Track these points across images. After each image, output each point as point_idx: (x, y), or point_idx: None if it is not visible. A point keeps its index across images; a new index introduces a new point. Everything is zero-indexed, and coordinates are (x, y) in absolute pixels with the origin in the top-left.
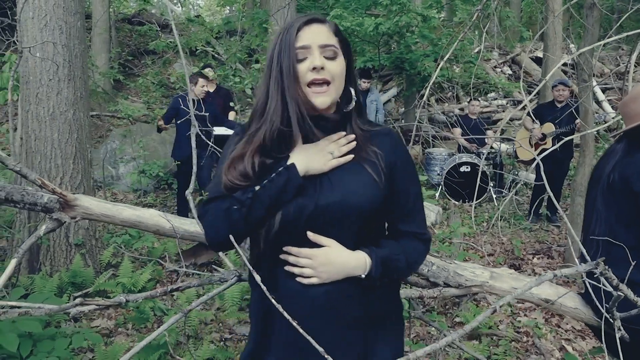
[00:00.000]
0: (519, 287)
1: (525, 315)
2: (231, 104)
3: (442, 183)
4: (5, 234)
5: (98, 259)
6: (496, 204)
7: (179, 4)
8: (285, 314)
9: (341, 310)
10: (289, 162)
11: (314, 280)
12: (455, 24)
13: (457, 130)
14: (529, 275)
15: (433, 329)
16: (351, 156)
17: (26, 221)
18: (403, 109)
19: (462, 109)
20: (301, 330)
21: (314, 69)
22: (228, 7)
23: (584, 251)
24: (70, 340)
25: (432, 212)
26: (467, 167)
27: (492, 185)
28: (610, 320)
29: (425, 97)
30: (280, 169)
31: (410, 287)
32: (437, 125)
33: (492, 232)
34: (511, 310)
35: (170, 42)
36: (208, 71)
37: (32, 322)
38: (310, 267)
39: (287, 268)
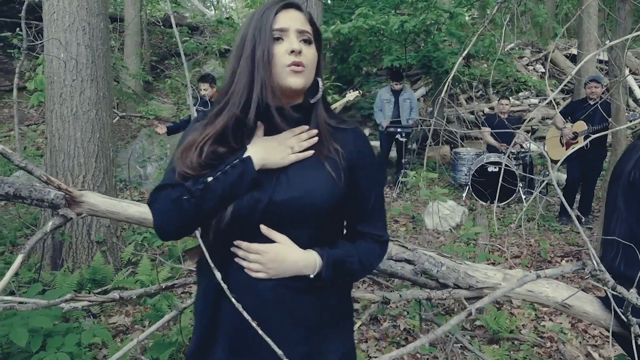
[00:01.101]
0: (535, 290)
1: (550, 319)
2: None
3: (469, 183)
4: (29, 231)
5: (119, 256)
6: (525, 205)
7: (212, 7)
8: (235, 302)
9: (290, 306)
10: (245, 155)
11: (261, 275)
12: (485, 22)
13: (486, 130)
14: (555, 279)
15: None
16: (311, 152)
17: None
18: (431, 108)
19: (491, 108)
20: (250, 320)
21: (292, 52)
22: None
23: (593, 253)
24: (80, 336)
25: (456, 213)
26: (495, 167)
27: (521, 185)
28: (628, 325)
29: (443, 93)
30: (235, 161)
31: (420, 288)
32: (466, 125)
33: (519, 233)
34: (535, 314)
35: (200, 44)
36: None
37: (42, 317)
38: (259, 262)
39: (236, 260)
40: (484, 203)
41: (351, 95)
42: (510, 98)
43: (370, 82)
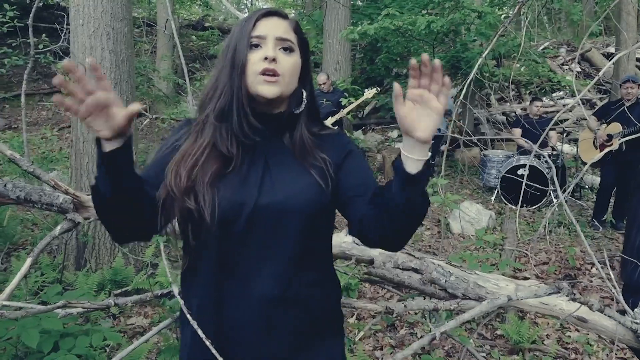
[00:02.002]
0: (549, 302)
1: (576, 329)
2: None
3: (498, 186)
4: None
5: (140, 257)
6: (557, 209)
7: (246, 10)
8: (197, 328)
9: (277, 317)
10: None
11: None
12: (507, 22)
13: (517, 131)
14: (584, 288)
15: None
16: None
17: None
18: (461, 109)
19: (524, 109)
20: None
21: (265, 58)
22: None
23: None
24: (91, 339)
25: (483, 217)
26: (525, 170)
27: (552, 189)
28: None
29: (463, 92)
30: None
31: (426, 299)
32: (498, 126)
33: (548, 239)
34: (560, 324)
35: None
36: None
37: (53, 319)
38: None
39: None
40: (513, 207)
41: (369, 92)
42: (544, 98)
43: (400, 83)
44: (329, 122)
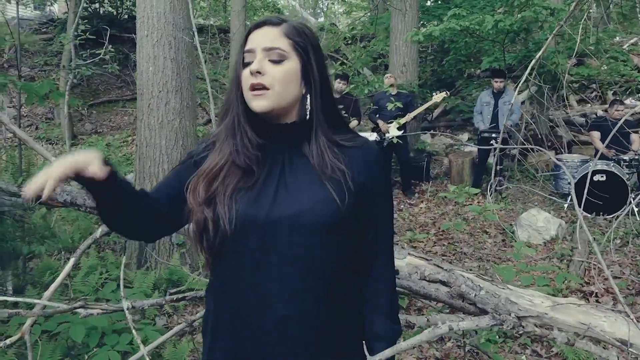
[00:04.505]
0: (589, 323)
1: None
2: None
3: (571, 193)
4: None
5: (196, 258)
6: (638, 218)
7: (322, 14)
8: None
9: (297, 335)
10: None
11: None
12: (564, 20)
13: (596, 134)
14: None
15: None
16: None
17: None
18: (535, 111)
19: (606, 110)
20: None
21: (251, 73)
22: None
23: None
24: (132, 336)
25: (552, 225)
26: (602, 176)
27: (632, 197)
28: None
29: (517, 90)
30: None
31: (454, 313)
32: (576, 129)
33: (624, 250)
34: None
35: None
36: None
37: (100, 317)
38: None
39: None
40: (588, 215)
41: (438, 96)
42: (630, 99)
43: (472, 84)
44: (393, 125)
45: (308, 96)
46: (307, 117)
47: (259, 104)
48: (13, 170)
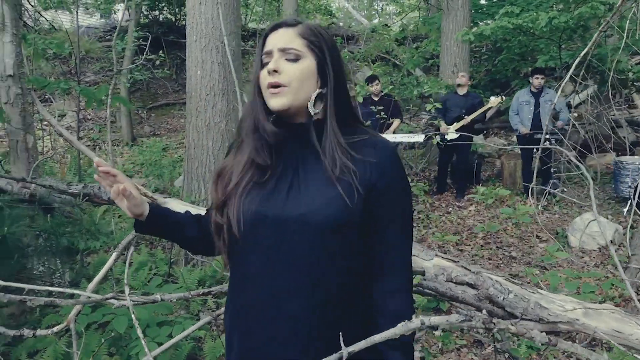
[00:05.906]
0: (624, 331)
1: None
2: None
3: (632, 197)
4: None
5: None
6: None
7: (377, 15)
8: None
9: (309, 337)
10: None
11: None
12: (611, 16)
13: None
14: None
15: None
16: None
17: None
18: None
19: None
20: None
21: (268, 72)
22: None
23: None
24: (172, 329)
25: (608, 229)
26: None
27: None
28: None
29: (560, 88)
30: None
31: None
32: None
33: None
34: None
35: (351, 52)
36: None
37: (142, 309)
38: None
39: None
40: None
41: (494, 101)
42: None
43: (526, 84)
44: (453, 127)
45: (313, 96)
46: (313, 115)
47: (277, 101)
48: (75, 170)
